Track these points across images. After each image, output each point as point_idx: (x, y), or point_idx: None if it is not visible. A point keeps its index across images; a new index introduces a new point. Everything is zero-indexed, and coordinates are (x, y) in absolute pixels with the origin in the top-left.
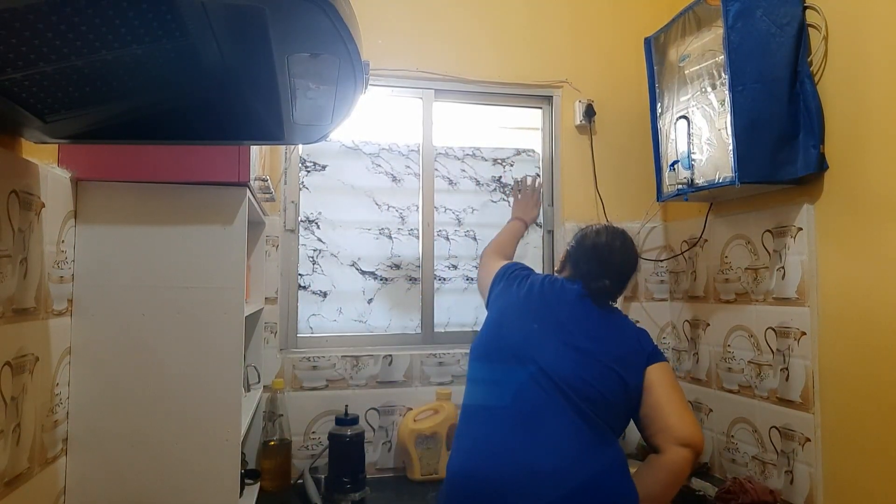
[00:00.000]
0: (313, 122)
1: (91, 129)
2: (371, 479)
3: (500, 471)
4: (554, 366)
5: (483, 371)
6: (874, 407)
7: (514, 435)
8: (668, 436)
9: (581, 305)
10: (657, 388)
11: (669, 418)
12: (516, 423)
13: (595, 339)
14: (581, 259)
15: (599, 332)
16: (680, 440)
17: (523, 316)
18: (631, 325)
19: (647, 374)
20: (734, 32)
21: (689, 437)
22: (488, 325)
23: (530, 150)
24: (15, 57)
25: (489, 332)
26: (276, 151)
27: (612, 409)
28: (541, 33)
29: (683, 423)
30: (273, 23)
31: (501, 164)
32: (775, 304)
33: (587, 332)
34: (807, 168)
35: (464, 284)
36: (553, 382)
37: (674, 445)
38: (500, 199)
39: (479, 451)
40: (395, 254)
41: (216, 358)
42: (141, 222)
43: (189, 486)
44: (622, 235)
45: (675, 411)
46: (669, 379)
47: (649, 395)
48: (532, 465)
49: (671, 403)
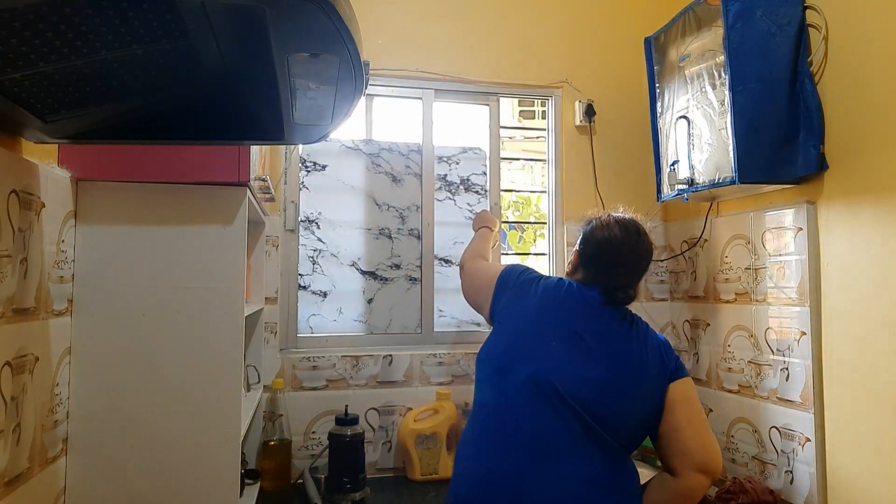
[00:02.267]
0: (313, 122)
1: (91, 129)
2: (371, 479)
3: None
4: (574, 390)
5: (496, 391)
6: (874, 407)
7: (526, 466)
8: (687, 460)
9: (601, 317)
10: (678, 407)
11: (689, 441)
12: (529, 453)
13: (617, 356)
14: (594, 260)
15: (621, 349)
16: (699, 466)
17: (541, 330)
18: (654, 338)
19: (668, 392)
20: (734, 32)
21: (708, 464)
22: (501, 338)
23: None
24: (15, 57)
25: (502, 347)
26: (276, 151)
27: (630, 431)
28: (541, 33)
29: (703, 448)
30: (273, 23)
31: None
32: (775, 304)
33: (609, 349)
34: (807, 168)
35: None
36: (571, 408)
37: (691, 471)
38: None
39: (489, 482)
40: (395, 254)
41: (216, 358)
42: (141, 222)
43: (189, 486)
44: (636, 228)
45: (696, 434)
46: (691, 397)
47: (670, 414)
48: (541, 501)
49: (691, 426)
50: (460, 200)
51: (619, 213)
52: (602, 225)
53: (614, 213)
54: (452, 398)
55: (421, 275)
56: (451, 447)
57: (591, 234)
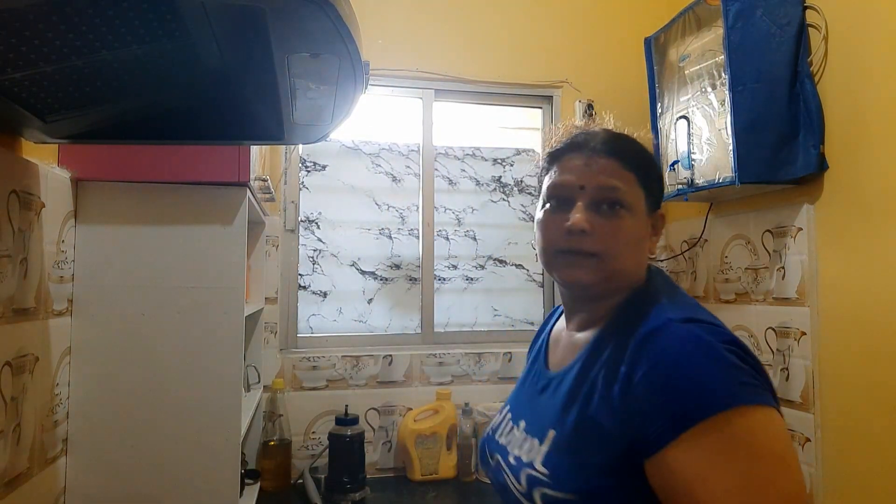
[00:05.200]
0: (313, 122)
1: (91, 129)
2: (371, 479)
3: None
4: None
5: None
6: (874, 407)
7: None
8: None
9: None
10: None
11: None
12: None
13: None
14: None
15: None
16: None
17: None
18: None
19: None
20: (734, 32)
21: None
22: None
23: (530, 150)
24: (15, 57)
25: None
26: (276, 151)
27: None
28: (541, 33)
29: None
30: (273, 23)
31: (501, 164)
32: (775, 304)
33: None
34: (807, 168)
35: (464, 284)
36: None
37: None
38: (499, 199)
39: None
40: (395, 254)
41: (216, 358)
42: (141, 222)
43: (189, 486)
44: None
45: None
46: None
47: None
48: None
49: None
50: (514, 202)
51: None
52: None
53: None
54: (452, 398)
55: (421, 275)
56: (450, 447)
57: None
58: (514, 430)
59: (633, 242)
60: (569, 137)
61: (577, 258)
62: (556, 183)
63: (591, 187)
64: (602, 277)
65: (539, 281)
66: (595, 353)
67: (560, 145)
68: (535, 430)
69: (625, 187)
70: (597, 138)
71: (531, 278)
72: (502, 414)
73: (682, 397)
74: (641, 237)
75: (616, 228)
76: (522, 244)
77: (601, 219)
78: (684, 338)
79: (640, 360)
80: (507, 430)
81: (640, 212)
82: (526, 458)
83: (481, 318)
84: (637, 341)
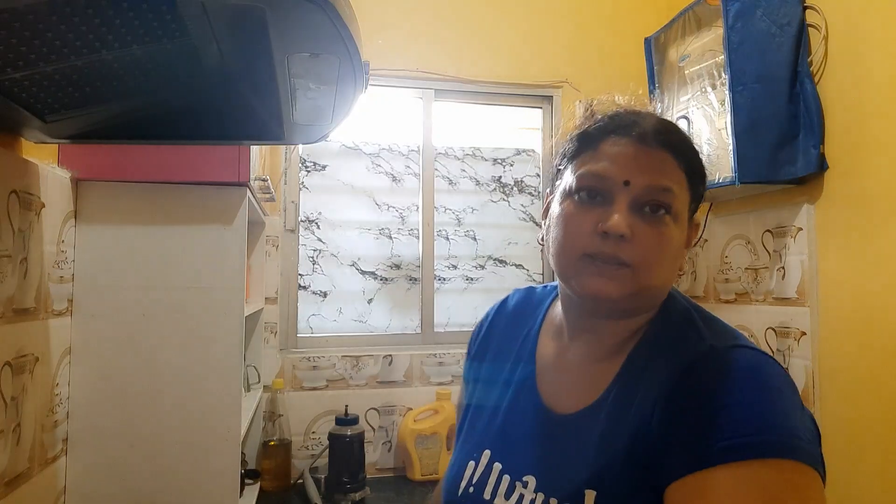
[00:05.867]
0: (313, 122)
1: (91, 129)
2: (371, 479)
3: None
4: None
5: None
6: (874, 407)
7: None
8: None
9: None
10: None
11: None
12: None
13: None
14: None
15: None
16: None
17: None
18: None
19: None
20: (734, 32)
21: None
22: None
23: (530, 150)
24: (15, 57)
25: None
26: (276, 151)
27: None
28: (541, 33)
29: None
30: (273, 23)
31: (501, 164)
32: (775, 304)
33: None
34: (807, 168)
35: (464, 284)
36: None
37: None
38: (499, 199)
39: None
40: (395, 254)
41: (216, 358)
42: (141, 222)
43: (189, 485)
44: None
45: None
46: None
47: None
48: None
49: None
50: (514, 202)
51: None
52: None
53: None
54: (452, 398)
55: (421, 275)
56: (450, 447)
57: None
58: (517, 488)
59: (671, 256)
60: (608, 116)
61: (608, 268)
62: (593, 172)
63: (638, 185)
64: (631, 293)
65: (539, 281)
66: (627, 390)
67: (598, 123)
68: (562, 492)
69: (677, 190)
70: (648, 122)
71: (531, 278)
72: (482, 462)
73: (751, 427)
74: (679, 251)
75: (659, 237)
76: (522, 244)
77: (643, 224)
78: (751, 366)
79: (697, 383)
80: (507, 488)
81: (684, 221)
82: None
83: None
84: (688, 364)
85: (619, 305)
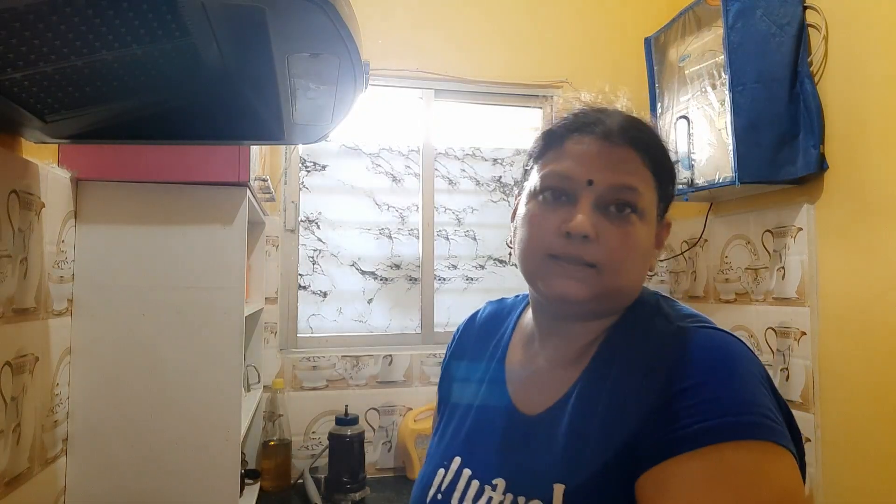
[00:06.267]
0: (313, 122)
1: (91, 129)
2: (371, 479)
3: None
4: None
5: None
6: (874, 407)
7: None
8: None
9: None
10: None
11: None
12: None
13: None
14: None
15: None
16: None
17: None
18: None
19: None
20: (734, 32)
21: None
22: None
23: None
24: (15, 57)
25: None
26: (276, 151)
27: None
28: (541, 33)
29: None
30: (273, 23)
31: (501, 164)
32: (775, 304)
33: None
34: (807, 168)
35: (464, 284)
36: None
37: None
38: (499, 199)
39: None
40: (395, 254)
41: (216, 358)
42: (141, 222)
43: (189, 485)
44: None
45: None
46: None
47: None
48: None
49: None
50: (514, 202)
51: None
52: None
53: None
54: None
55: (421, 275)
56: None
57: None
58: (486, 491)
59: (639, 256)
60: (573, 113)
61: (572, 268)
62: (557, 172)
63: (602, 184)
64: (597, 294)
65: None
66: (595, 383)
67: (562, 122)
68: (531, 490)
69: (642, 188)
70: (613, 120)
71: None
72: (451, 469)
73: (715, 410)
74: (648, 250)
75: (624, 237)
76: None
77: (608, 223)
78: (714, 346)
79: (663, 366)
80: (475, 493)
81: (652, 220)
82: None
83: None
84: (656, 347)
85: (586, 307)
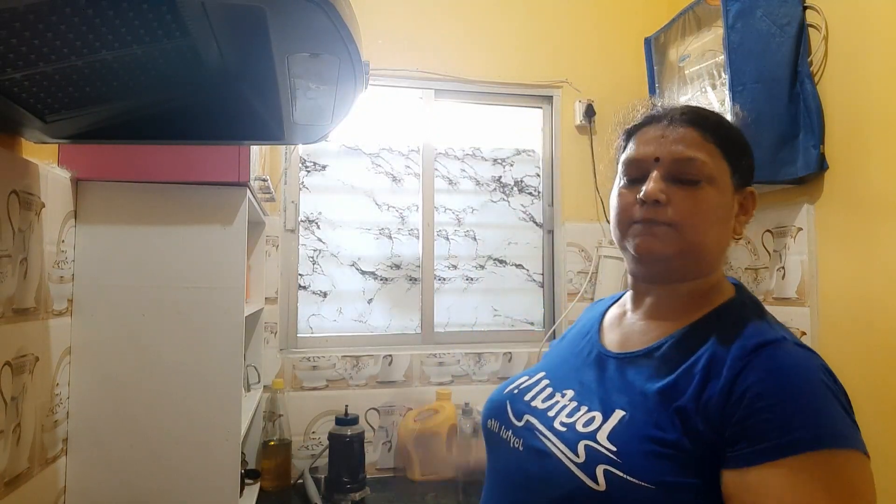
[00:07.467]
0: (313, 122)
1: (91, 129)
2: (371, 479)
3: None
4: None
5: None
6: (874, 407)
7: None
8: None
9: None
10: None
11: None
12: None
13: None
14: None
15: None
16: None
17: None
18: None
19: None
20: (734, 32)
21: None
22: None
23: (530, 150)
24: (15, 57)
25: None
26: (276, 151)
27: None
28: (541, 33)
29: None
30: (273, 23)
31: (501, 164)
32: (775, 304)
33: None
34: (807, 168)
35: (464, 284)
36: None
37: None
38: (500, 199)
39: None
40: (395, 254)
41: (216, 358)
42: (141, 222)
43: (189, 485)
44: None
45: None
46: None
47: None
48: None
49: None
50: (514, 202)
51: None
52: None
53: None
54: (452, 398)
55: (421, 275)
56: (450, 447)
57: None
58: (556, 396)
59: (715, 217)
60: (647, 113)
61: (653, 227)
62: (631, 157)
63: (666, 159)
64: (679, 250)
65: (539, 281)
66: (684, 348)
67: (637, 121)
68: (592, 403)
69: (705, 158)
70: (676, 109)
71: (531, 278)
72: (534, 378)
73: (795, 422)
74: (725, 213)
75: (695, 200)
76: (522, 244)
77: (678, 189)
78: (802, 363)
79: (750, 369)
80: (546, 395)
81: (725, 186)
82: (583, 430)
83: (481, 319)
84: (745, 349)
85: (673, 263)
